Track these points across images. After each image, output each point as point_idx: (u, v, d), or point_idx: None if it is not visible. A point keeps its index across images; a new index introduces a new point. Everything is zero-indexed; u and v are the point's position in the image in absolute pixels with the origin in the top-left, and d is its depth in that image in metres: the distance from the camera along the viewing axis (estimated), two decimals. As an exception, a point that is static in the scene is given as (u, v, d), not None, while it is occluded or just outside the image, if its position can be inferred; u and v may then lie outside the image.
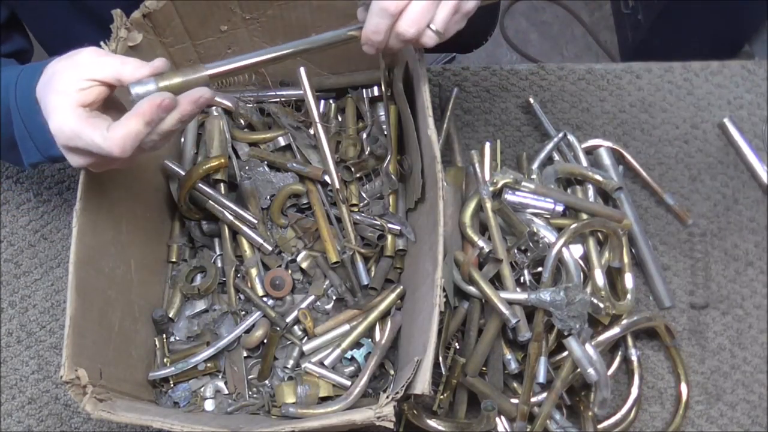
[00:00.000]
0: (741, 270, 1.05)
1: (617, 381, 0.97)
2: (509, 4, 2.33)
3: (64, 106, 0.63)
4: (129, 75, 0.64)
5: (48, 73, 0.68)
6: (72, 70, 0.65)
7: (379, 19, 0.67)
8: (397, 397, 0.67)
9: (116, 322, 0.81)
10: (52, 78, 0.66)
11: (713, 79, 1.16)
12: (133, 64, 0.65)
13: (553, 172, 0.99)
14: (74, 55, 0.67)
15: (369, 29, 0.69)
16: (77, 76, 0.64)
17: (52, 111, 0.64)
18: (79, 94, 0.64)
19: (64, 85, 0.64)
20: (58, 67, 0.66)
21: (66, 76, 0.65)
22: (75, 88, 0.64)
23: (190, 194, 0.92)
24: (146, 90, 0.63)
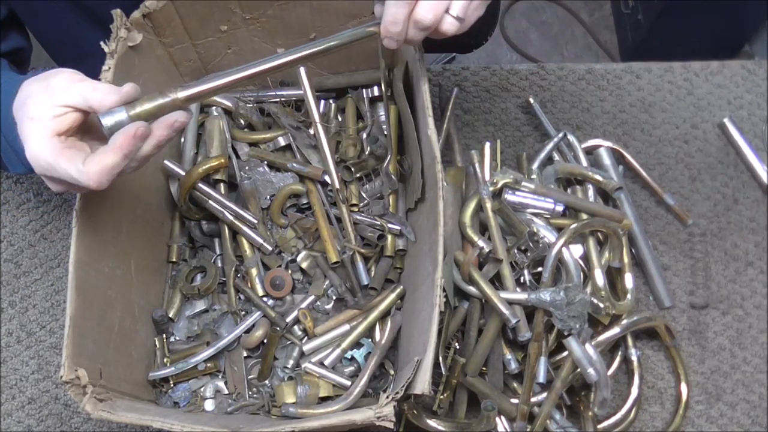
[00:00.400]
0: (741, 270, 1.05)
1: (617, 381, 0.97)
2: (509, 4, 2.33)
3: (39, 135, 0.63)
4: (98, 102, 0.64)
5: (23, 93, 0.67)
6: (45, 95, 0.64)
7: (396, 8, 0.66)
8: (397, 397, 0.67)
9: (116, 322, 0.81)
10: (26, 102, 0.65)
11: (713, 79, 1.16)
12: (103, 91, 0.64)
13: (553, 172, 0.99)
14: (48, 77, 0.66)
15: (387, 20, 0.67)
16: (50, 102, 0.64)
17: (27, 138, 0.64)
18: (54, 122, 0.63)
19: (38, 111, 0.63)
20: (33, 90, 0.66)
21: (39, 101, 0.64)
22: (49, 115, 0.63)
23: (190, 194, 0.92)
24: (116, 120, 0.63)
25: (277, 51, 0.97)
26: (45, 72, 0.68)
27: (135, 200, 0.87)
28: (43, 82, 0.66)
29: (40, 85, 0.65)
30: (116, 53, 0.77)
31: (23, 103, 0.66)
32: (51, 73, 0.67)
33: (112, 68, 0.76)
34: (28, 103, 0.65)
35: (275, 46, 0.96)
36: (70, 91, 0.64)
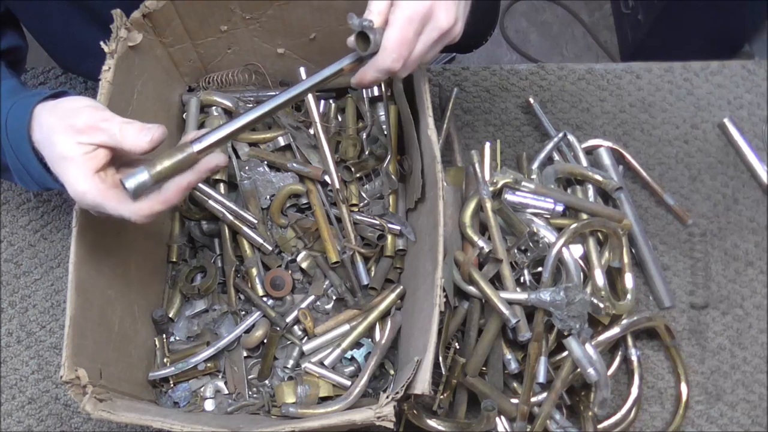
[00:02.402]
0: (741, 270, 1.05)
1: (617, 381, 0.97)
2: (509, 4, 2.33)
3: (79, 176, 0.65)
4: (130, 145, 0.66)
5: (44, 128, 0.68)
6: (70, 135, 0.65)
7: (381, 75, 0.71)
8: (397, 397, 0.67)
9: (116, 322, 0.81)
10: (51, 138, 0.67)
11: (713, 79, 1.16)
12: (134, 133, 0.66)
13: (553, 172, 0.99)
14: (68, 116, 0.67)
15: (367, 79, 0.72)
16: (79, 140, 0.65)
17: (67, 178, 0.66)
18: (89, 161, 0.65)
19: (68, 150, 0.65)
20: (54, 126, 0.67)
21: (66, 140, 0.65)
22: (80, 153, 0.65)
23: (190, 194, 0.92)
24: (140, 183, 0.65)
25: (277, 51, 0.97)
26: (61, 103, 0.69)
27: (135, 200, 0.87)
28: (64, 121, 0.67)
29: (62, 123, 0.67)
30: (116, 53, 0.77)
31: (47, 139, 0.67)
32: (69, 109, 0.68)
33: (112, 68, 0.76)
34: (55, 141, 0.66)
35: (275, 45, 0.96)
36: (97, 131, 0.65)
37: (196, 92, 0.99)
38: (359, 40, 0.70)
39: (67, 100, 0.70)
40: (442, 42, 0.71)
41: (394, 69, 0.69)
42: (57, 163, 0.67)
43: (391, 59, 0.68)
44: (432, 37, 0.69)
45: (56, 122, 0.67)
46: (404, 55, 0.69)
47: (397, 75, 0.71)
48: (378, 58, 0.69)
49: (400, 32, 0.67)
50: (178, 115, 0.98)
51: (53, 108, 0.69)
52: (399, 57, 0.68)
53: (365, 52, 0.69)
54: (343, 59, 0.72)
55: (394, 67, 0.69)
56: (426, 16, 0.68)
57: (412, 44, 0.69)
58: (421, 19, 0.68)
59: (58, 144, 0.66)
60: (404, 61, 0.69)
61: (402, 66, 0.69)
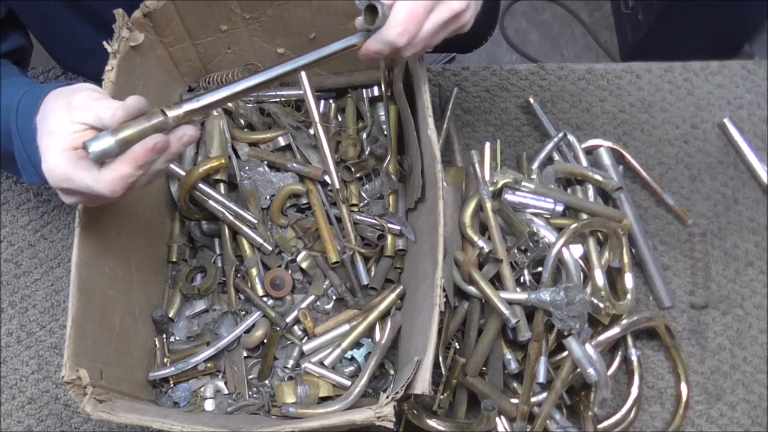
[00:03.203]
0: (741, 270, 1.05)
1: (617, 381, 0.97)
2: (509, 4, 2.33)
3: (55, 149, 0.64)
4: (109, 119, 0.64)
5: (46, 107, 0.68)
6: (64, 111, 0.65)
7: (384, 48, 0.69)
8: (397, 397, 0.67)
9: (117, 322, 0.81)
10: (47, 116, 0.67)
11: (713, 79, 1.16)
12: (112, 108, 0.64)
13: (553, 172, 0.99)
14: (71, 94, 0.67)
15: (371, 50, 0.70)
16: (68, 119, 0.65)
17: (45, 151, 0.65)
18: (71, 137, 0.64)
19: (57, 126, 0.65)
20: (54, 105, 0.67)
21: (59, 117, 0.65)
22: (68, 130, 0.64)
23: (190, 194, 0.92)
24: (103, 147, 0.62)
25: (277, 51, 0.97)
26: (69, 86, 0.69)
27: (136, 200, 0.87)
28: (66, 99, 0.67)
29: (62, 102, 0.67)
30: (119, 53, 0.77)
31: (44, 116, 0.67)
32: (74, 89, 0.68)
33: (115, 68, 0.76)
34: (49, 117, 0.66)
35: (275, 45, 0.96)
36: (88, 109, 0.65)
37: (196, 92, 0.99)
38: (367, 14, 0.69)
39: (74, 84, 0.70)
40: (451, 25, 0.70)
41: (399, 43, 0.68)
42: (42, 138, 0.66)
43: (396, 32, 0.67)
44: (443, 17, 0.68)
45: (59, 101, 0.67)
46: (411, 31, 0.67)
47: (401, 53, 0.70)
48: (384, 30, 0.68)
49: (410, 6, 0.67)
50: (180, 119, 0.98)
51: (61, 90, 0.69)
52: (405, 31, 0.67)
53: (373, 25, 0.68)
54: (350, 37, 0.71)
55: (398, 41, 0.68)
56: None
57: (421, 21, 0.68)
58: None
59: (51, 120, 0.66)
60: (410, 37, 0.68)
61: (407, 42, 0.68)
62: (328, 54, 0.71)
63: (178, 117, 0.65)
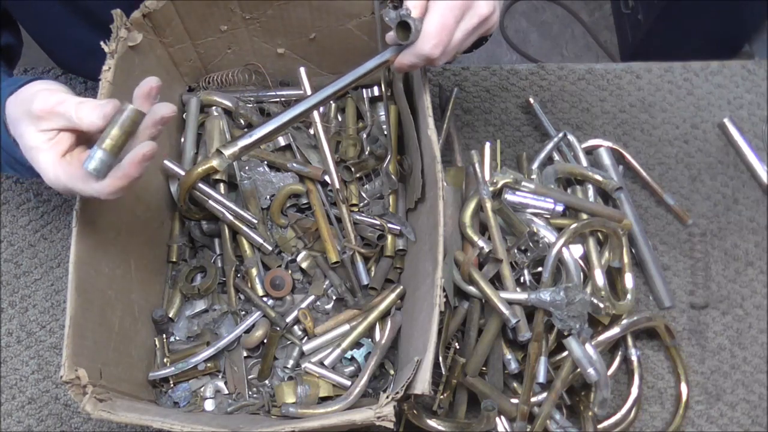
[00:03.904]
0: (741, 270, 1.05)
1: (617, 381, 0.97)
2: (509, 4, 2.33)
3: (48, 164, 0.65)
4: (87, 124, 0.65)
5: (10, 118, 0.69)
6: (30, 123, 0.66)
7: (419, 60, 0.71)
8: (397, 397, 0.67)
9: (116, 322, 0.81)
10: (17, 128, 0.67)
11: (713, 79, 1.16)
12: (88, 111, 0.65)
13: (553, 172, 0.99)
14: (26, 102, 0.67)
15: (406, 64, 0.72)
16: (39, 128, 0.65)
17: (39, 167, 0.66)
18: (54, 147, 0.65)
19: (33, 140, 0.66)
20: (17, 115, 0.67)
21: (29, 130, 0.66)
22: (43, 140, 0.65)
23: (190, 194, 0.92)
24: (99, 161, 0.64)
25: (277, 51, 0.97)
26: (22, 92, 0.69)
27: (135, 200, 0.87)
28: (24, 108, 0.67)
29: (22, 111, 0.67)
30: (116, 53, 0.77)
31: (15, 131, 0.68)
32: (27, 95, 0.68)
33: (113, 68, 0.76)
34: (20, 131, 0.67)
35: (275, 45, 0.96)
36: (53, 115, 0.65)
37: (196, 92, 0.99)
38: (399, 30, 0.70)
39: (25, 88, 0.70)
40: (480, 30, 0.72)
41: (433, 55, 0.69)
42: (28, 153, 0.67)
43: (431, 45, 0.69)
44: (472, 24, 0.70)
45: (18, 112, 0.68)
46: (444, 42, 0.69)
47: (435, 63, 0.71)
48: (418, 44, 0.70)
49: (441, 18, 0.68)
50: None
51: (15, 99, 0.69)
52: (439, 43, 0.69)
53: (406, 41, 0.70)
54: (384, 52, 0.73)
55: (433, 53, 0.69)
56: (466, 4, 0.69)
57: (452, 31, 0.69)
58: (462, 6, 0.69)
59: (23, 135, 0.66)
60: (444, 48, 0.69)
61: (441, 53, 0.70)
62: (365, 72, 0.73)
63: (234, 154, 0.68)
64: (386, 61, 0.73)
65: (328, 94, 0.73)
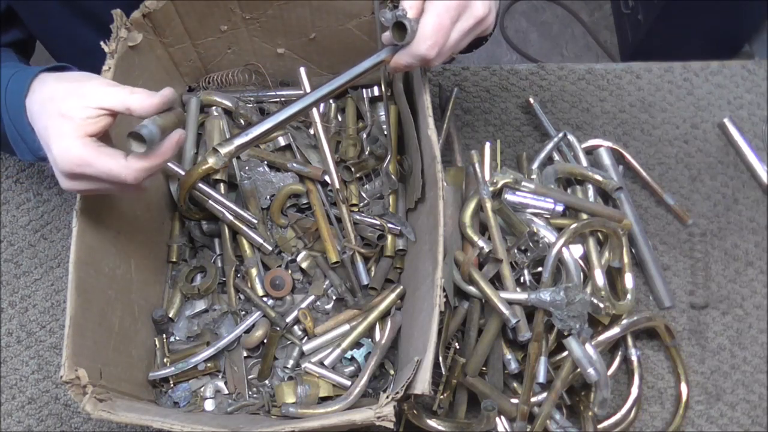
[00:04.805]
0: (741, 270, 1.05)
1: (617, 381, 0.97)
2: (509, 4, 2.33)
3: (71, 133, 0.64)
4: (138, 105, 0.65)
5: (44, 91, 0.68)
6: (78, 97, 0.65)
7: (414, 61, 0.71)
8: (397, 397, 0.67)
9: (116, 322, 0.81)
10: (52, 99, 0.66)
11: (713, 79, 1.16)
12: (142, 94, 0.65)
13: (553, 172, 0.99)
14: (81, 80, 0.67)
15: (402, 64, 0.72)
16: (85, 104, 0.64)
17: (57, 134, 0.64)
18: (87, 123, 0.64)
19: (70, 109, 0.64)
20: (61, 90, 0.66)
21: (72, 102, 0.65)
22: (83, 116, 0.64)
23: (190, 194, 0.92)
24: (152, 130, 0.64)
25: (277, 51, 0.97)
26: (72, 73, 0.69)
27: (135, 200, 0.87)
28: (75, 84, 0.66)
29: (71, 86, 0.66)
30: (116, 53, 0.77)
31: (48, 98, 0.66)
32: (83, 75, 0.68)
33: (112, 68, 0.76)
34: (57, 100, 0.65)
35: (275, 45, 0.96)
36: (107, 94, 0.65)
37: (196, 92, 0.99)
38: (395, 31, 0.70)
39: (76, 72, 0.70)
40: (475, 31, 0.72)
41: (429, 56, 0.70)
42: (52, 121, 0.65)
43: (426, 46, 0.69)
44: (468, 25, 0.70)
45: (65, 88, 0.66)
46: (440, 43, 0.69)
47: (430, 64, 0.72)
48: (413, 44, 0.70)
49: (437, 19, 0.68)
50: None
51: (60, 76, 0.69)
52: (434, 44, 0.69)
53: (402, 41, 0.70)
54: (380, 52, 0.73)
55: (429, 54, 0.70)
56: (462, 5, 0.69)
57: (448, 31, 0.69)
58: (458, 7, 0.69)
59: (62, 103, 0.65)
60: (439, 49, 0.70)
61: (437, 54, 0.70)
62: (360, 72, 0.73)
63: (230, 152, 0.68)
64: (382, 61, 0.73)
65: (323, 94, 0.73)
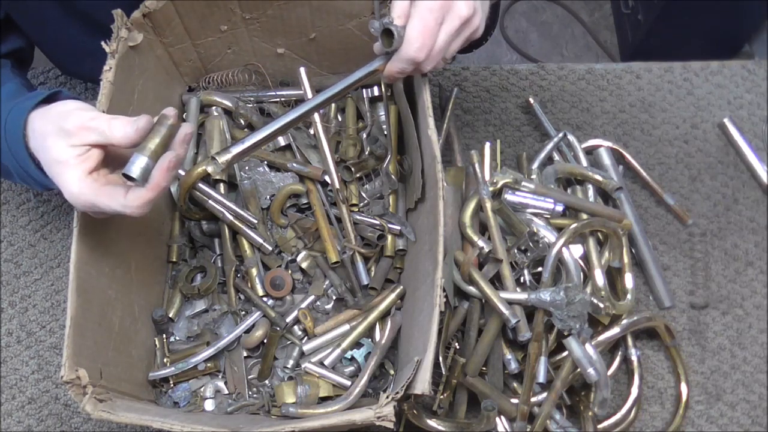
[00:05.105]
0: (741, 270, 1.05)
1: (617, 381, 0.97)
2: (509, 4, 2.33)
3: (73, 179, 0.66)
4: (119, 139, 0.66)
5: (36, 132, 0.69)
6: (61, 138, 0.66)
7: (406, 65, 0.73)
8: (397, 397, 0.67)
9: (116, 322, 0.81)
10: (44, 144, 0.67)
11: (713, 79, 1.16)
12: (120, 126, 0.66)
13: (553, 172, 0.99)
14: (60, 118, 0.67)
15: (394, 71, 0.74)
16: (68, 143, 0.66)
17: (60, 181, 0.67)
18: (79, 161, 0.66)
19: (61, 154, 0.66)
20: (46, 130, 0.68)
21: (59, 145, 0.66)
22: (73, 155, 0.65)
23: (190, 194, 0.92)
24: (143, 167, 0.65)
25: (276, 51, 0.97)
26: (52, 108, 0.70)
27: (135, 200, 0.87)
28: (56, 124, 0.67)
29: (53, 128, 0.67)
30: (117, 53, 0.77)
31: (41, 145, 0.68)
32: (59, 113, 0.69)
33: (113, 68, 0.76)
34: (48, 146, 0.67)
35: (275, 45, 0.96)
36: (86, 131, 0.66)
37: (196, 92, 0.99)
38: (384, 38, 0.72)
39: (57, 105, 0.71)
40: (463, 32, 0.73)
41: (419, 58, 0.71)
42: (52, 167, 0.67)
43: (415, 48, 0.70)
44: (454, 26, 0.71)
45: (48, 127, 0.68)
46: (428, 44, 0.70)
47: (421, 66, 0.73)
48: (402, 49, 0.71)
49: (422, 21, 0.69)
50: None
51: (45, 113, 0.70)
52: (422, 45, 0.70)
53: (390, 47, 0.72)
54: (372, 62, 0.75)
55: (418, 56, 0.71)
56: (445, 6, 0.70)
57: (435, 33, 0.71)
58: (441, 8, 0.70)
59: (51, 149, 0.66)
60: (428, 51, 0.71)
61: (426, 56, 0.71)
62: (353, 82, 0.75)
63: (227, 161, 0.69)
64: (375, 71, 0.75)
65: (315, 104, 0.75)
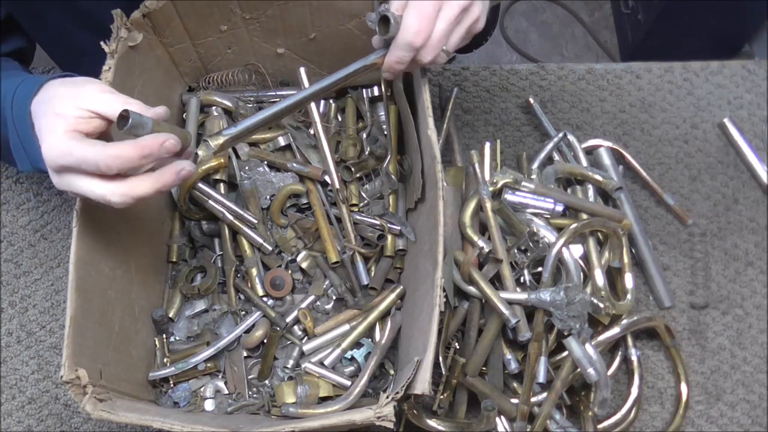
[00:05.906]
0: (741, 270, 1.05)
1: (617, 381, 0.97)
2: (509, 4, 2.33)
3: (58, 129, 0.64)
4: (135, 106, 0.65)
5: (47, 93, 0.69)
6: (74, 99, 0.65)
7: (404, 52, 0.71)
8: (397, 397, 0.67)
9: (116, 322, 0.81)
10: (51, 100, 0.67)
11: (713, 79, 1.16)
12: (137, 106, 0.65)
13: (553, 172, 0.99)
14: (79, 84, 0.67)
15: (393, 60, 0.73)
16: (78, 105, 0.65)
17: (48, 131, 0.65)
18: (78, 121, 0.64)
19: (64, 109, 0.65)
20: (60, 92, 0.67)
21: (67, 102, 0.65)
22: (74, 115, 0.64)
23: (190, 194, 0.92)
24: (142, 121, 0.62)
25: (276, 51, 0.97)
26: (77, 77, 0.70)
27: (135, 200, 0.87)
28: (73, 88, 0.67)
29: (69, 90, 0.67)
30: (116, 53, 0.77)
31: (47, 101, 0.67)
32: (83, 80, 0.69)
33: (113, 68, 0.76)
34: (54, 103, 0.66)
35: (275, 45, 0.96)
36: (100, 99, 0.65)
37: (196, 92, 0.99)
38: (381, 26, 0.71)
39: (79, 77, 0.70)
40: (464, 21, 0.72)
41: (416, 43, 0.70)
42: (45, 119, 0.65)
43: (412, 32, 0.69)
44: (453, 13, 0.70)
45: (64, 91, 0.67)
46: (425, 29, 0.69)
47: (420, 55, 0.72)
48: (400, 34, 0.70)
49: (419, 6, 0.69)
50: (178, 115, 0.98)
51: (64, 80, 0.69)
52: (420, 30, 0.69)
53: (387, 34, 0.71)
54: (369, 56, 0.74)
55: (415, 41, 0.70)
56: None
57: (432, 18, 0.69)
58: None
59: (56, 103, 0.65)
60: (426, 36, 0.70)
61: (424, 41, 0.70)
62: (350, 73, 0.74)
63: (219, 144, 0.68)
64: (373, 64, 0.74)
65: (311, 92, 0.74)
